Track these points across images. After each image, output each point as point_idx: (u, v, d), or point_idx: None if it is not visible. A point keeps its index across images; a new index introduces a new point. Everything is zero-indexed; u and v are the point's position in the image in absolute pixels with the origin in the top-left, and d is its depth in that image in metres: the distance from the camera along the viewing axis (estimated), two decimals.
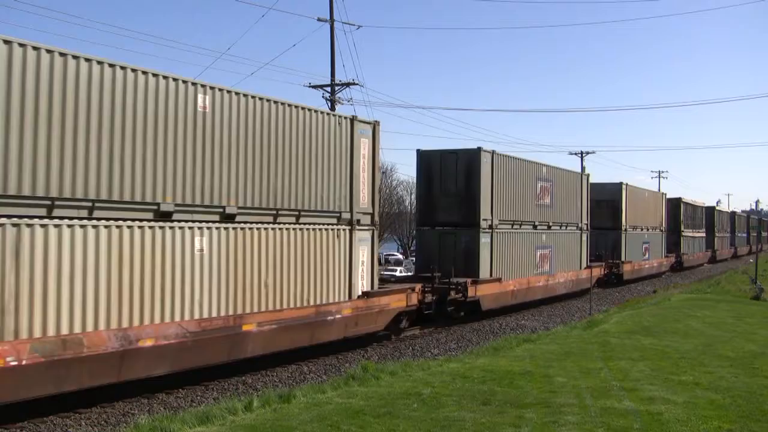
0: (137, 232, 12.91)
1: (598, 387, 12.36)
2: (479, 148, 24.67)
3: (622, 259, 41.08)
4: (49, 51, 11.57)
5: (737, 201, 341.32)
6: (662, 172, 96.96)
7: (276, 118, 16.11)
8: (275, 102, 16.10)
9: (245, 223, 15.23)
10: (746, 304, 29.69)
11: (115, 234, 12.49)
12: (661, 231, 50.34)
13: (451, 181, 25.02)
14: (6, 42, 11.05)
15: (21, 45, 11.20)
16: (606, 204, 40.99)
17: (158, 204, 13.36)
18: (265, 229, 15.73)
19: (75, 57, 11.95)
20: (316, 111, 17.35)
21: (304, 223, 16.89)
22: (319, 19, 35.24)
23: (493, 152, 25.40)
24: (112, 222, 12.45)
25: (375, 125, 19.66)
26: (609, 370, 13.93)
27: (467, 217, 24.66)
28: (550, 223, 30.25)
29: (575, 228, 33.57)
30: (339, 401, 11.54)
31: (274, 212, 16.08)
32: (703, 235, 66.65)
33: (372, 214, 19.45)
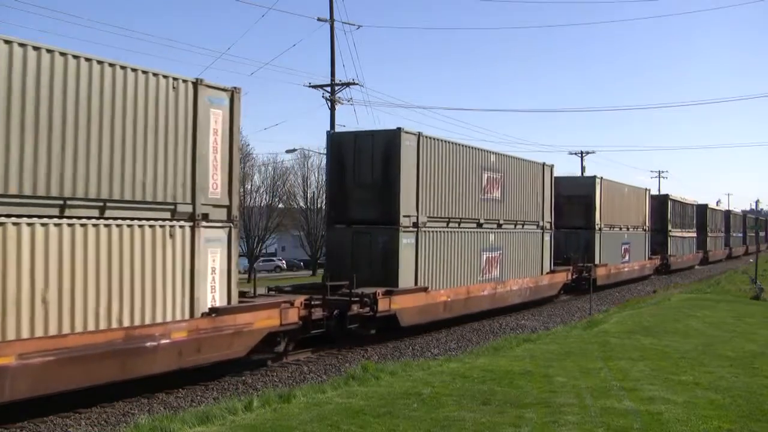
0: None
1: (598, 387, 12.36)
2: (399, 129, 20.22)
3: (596, 261, 36.42)
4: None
5: (737, 201, 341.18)
6: (662, 172, 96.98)
7: (72, 79, 11.98)
8: (66, 55, 11.90)
9: (4, 216, 11.03)
10: (746, 304, 29.69)
11: None
12: (645, 231, 45.90)
13: (366, 170, 20.74)
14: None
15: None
16: (577, 200, 36.87)
17: None
18: (44, 225, 11.47)
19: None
20: (135, 70, 13.06)
21: (113, 218, 12.59)
22: (319, 19, 35.28)
23: (419, 134, 21.02)
24: None
25: (234, 93, 15.25)
26: (609, 370, 13.93)
27: (385, 214, 20.33)
28: (501, 221, 26.18)
29: (535, 227, 29.33)
30: (339, 401, 11.55)
31: (61, 202, 11.82)
32: (694, 235, 62.10)
33: (228, 207, 15.16)
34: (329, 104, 34.49)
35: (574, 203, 36.62)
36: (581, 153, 68.27)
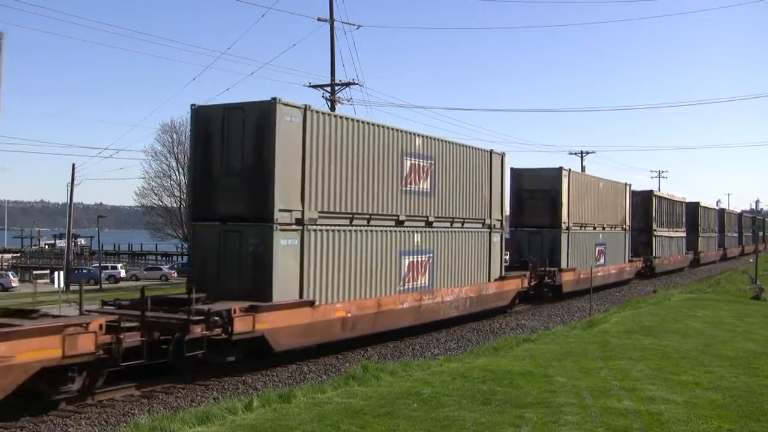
0: None
1: (598, 387, 12.35)
2: (275, 100, 16.10)
3: (562, 265, 31.98)
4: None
5: (737, 201, 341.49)
6: (662, 171, 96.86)
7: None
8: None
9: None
10: (746, 304, 29.69)
11: None
12: (625, 230, 41.59)
13: (236, 152, 16.69)
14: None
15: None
16: (541, 195, 32.31)
17: None
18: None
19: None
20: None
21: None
22: (319, 19, 35.28)
23: (305, 108, 16.83)
24: None
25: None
26: (609, 370, 13.93)
27: (257, 207, 16.26)
28: (431, 219, 21.82)
29: (480, 226, 25.04)
30: (339, 401, 11.55)
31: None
32: (683, 234, 57.25)
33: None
34: (329, 104, 34.49)
35: (537, 199, 32.35)
36: (581, 153, 68.23)
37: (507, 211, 30.27)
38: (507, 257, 30.66)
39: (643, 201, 47.46)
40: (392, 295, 19.97)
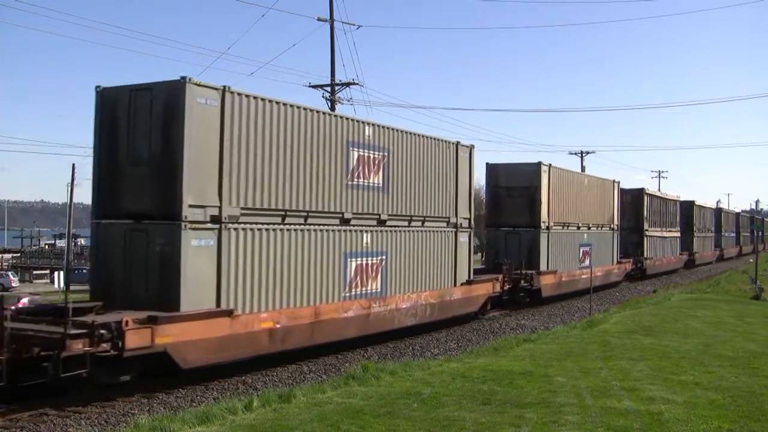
0: None
1: (598, 387, 12.36)
2: (185, 79, 14.14)
3: (541, 268, 29.53)
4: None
5: (737, 201, 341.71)
6: (662, 171, 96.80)
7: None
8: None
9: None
10: (746, 304, 29.70)
11: None
12: (613, 230, 38.73)
13: (142, 139, 14.67)
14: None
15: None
16: (519, 192, 29.90)
17: None
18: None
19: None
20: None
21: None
22: (319, 19, 35.27)
23: (224, 89, 14.86)
24: None
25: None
26: (609, 370, 13.93)
27: (165, 203, 14.24)
28: (384, 217, 19.70)
29: (444, 225, 22.85)
30: (339, 401, 11.55)
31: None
32: (677, 234, 54.53)
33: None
34: (329, 104, 34.48)
35: (515, 196, 29.93)
36: (581, 153, 68.25)
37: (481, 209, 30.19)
38: (483, 259, 30.19)
39: (633, 200, 45.12)
40: (335, 302, 17.82)
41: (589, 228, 35.07)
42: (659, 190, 73.49)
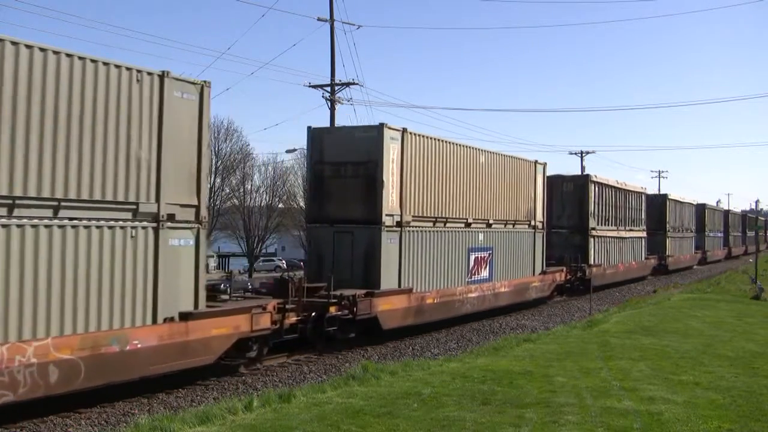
0: None
1: (598, 387, 12.36)
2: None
3: (383, 285, 19.18)
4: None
5: (737, 201, 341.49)
6: (662, 171, 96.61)
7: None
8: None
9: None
10: (746, 304, 29.69)
11: None
12: (534, 229, 28.88)
13: None
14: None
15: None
16: (353, 171, 19.93)
17: None
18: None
19: None
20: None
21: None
22: (319, 19, 35.28)
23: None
24: None
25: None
26: (609, 370, 13.93)
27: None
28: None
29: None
30: (339, 401, 11.55)
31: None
32: (643, 234, 44.24)
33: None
34: (329, 104, 34.49)
35: (347, 177, 19.99)
36: (581, 153, 68.24)
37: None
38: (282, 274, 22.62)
39: (576, 189, 35.41)
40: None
41: (489, 226, 25.22)
42: (659, 190, 71.87)
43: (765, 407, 11.02)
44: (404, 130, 20.37)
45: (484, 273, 24.84)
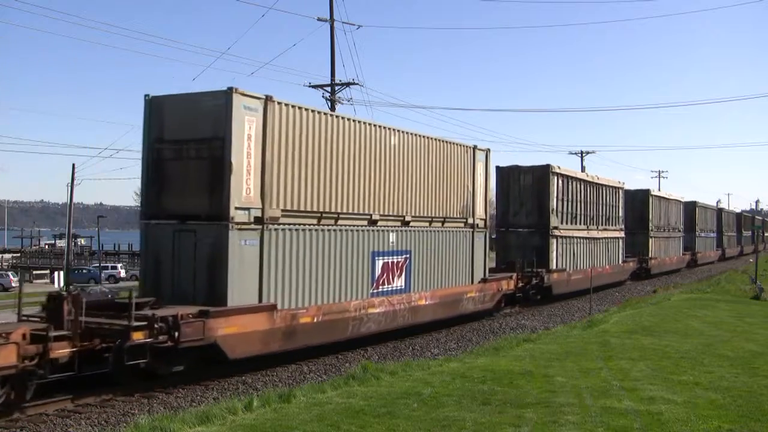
0: None
1: (598, 387, 12.36)
2: None
3: (230, 302, 14.93)
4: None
5: (737, 201, 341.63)
6: (662, 171, 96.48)
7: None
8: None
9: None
10: (746, 304, 29.69)
11: None
12: (474, 227, 24.40)
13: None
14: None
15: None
16: (196, 151, 15.58)
17: None
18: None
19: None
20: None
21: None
22: (319, 19, 35.27)
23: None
24: None
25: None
26: (609, 370, 13.93)
27: None
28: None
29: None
30: (339, 401, 11.55)
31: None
32: (620, 234, 39.95)
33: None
34: (329, 104, 34.48)
35: (189, 159, 15.71)
36: (581, 153, 68.21)
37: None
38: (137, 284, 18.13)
39: (536, 182, 30.92)
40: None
41: (405, 224, 20.78)
42: (659, 189, 67.71)
43: (765, 407, 11.01)
44: (268, 98, 15.84)
45: (398, 283, 20.25)
